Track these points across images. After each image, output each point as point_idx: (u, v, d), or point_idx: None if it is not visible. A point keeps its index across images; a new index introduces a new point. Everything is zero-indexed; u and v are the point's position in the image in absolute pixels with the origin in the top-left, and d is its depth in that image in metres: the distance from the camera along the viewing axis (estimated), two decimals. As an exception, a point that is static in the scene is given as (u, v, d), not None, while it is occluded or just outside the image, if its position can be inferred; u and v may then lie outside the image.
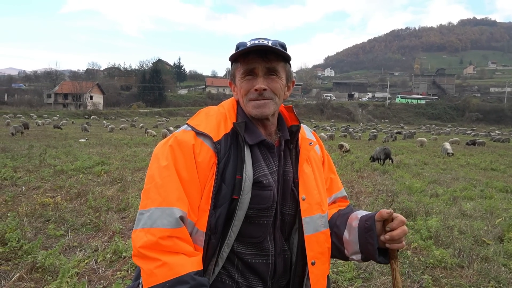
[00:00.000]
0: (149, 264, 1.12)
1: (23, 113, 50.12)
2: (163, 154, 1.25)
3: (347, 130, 43.70)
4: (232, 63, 1.36)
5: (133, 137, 24.22)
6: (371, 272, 4.07)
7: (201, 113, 1.37)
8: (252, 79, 1.30)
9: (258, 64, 1.28)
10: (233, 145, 1.27)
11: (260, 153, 1.31)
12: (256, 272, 1.27)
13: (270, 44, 1.27)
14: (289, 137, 1.39)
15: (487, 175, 12.58)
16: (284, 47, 1.34)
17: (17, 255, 4.10)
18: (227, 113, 1.35)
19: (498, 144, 32.57)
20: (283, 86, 1.35)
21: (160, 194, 1.17)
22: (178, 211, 1.16)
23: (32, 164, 10.26)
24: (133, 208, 6.19)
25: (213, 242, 1.22)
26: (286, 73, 1.36)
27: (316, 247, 1.32)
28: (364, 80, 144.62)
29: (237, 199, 1.21)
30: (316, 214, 1.33)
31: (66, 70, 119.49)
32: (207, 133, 1.25)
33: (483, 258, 4.56)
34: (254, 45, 1.25)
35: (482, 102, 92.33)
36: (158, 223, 1.14)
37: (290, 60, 1.37)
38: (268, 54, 1.28)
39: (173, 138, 1.27)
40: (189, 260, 1.14)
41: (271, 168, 1.30)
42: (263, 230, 1.28)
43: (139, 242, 1.13)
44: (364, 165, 13.24)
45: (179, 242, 1.14)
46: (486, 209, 7.15)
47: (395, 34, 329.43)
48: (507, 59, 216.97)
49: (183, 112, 71.26)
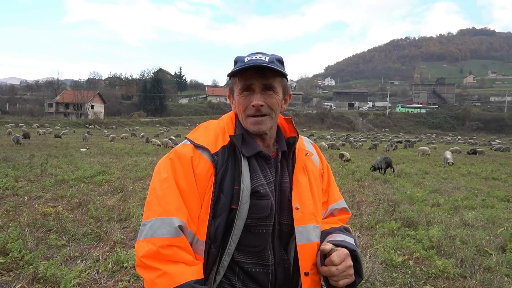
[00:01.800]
0: (150, 274, 1.15)
1: (24, 122, 50.27)
2: (164, 167, 1.30)
3: (347, 139, 43.79)
4: (231, 77, 1.41)
5: (134, 146, 24.25)
6: (374, 282, 4.05)
7: (200, 127, 1.43)
8: (249, 95, 1.35)
9: (255, 80, 1.33)
10: (231, 157, 1.32)
11: (257, 164, 1.34)
12: (256, 281, 1.30)
13: (267, 60, 1.32)
14: (286, 148, 1.42)
15: (488, 185, 12.56)
16: (281, 62, 1.39)
17: (19, 266, 4.09)
18: (225, 126, 1.40)
19: (499, 153, 32.54)
20: (280, 101, 1.39)
21: (161, 205, 1.22)
22: (177, 220, 1.20)
23: (33, 174, 10.27)
24: (134, 218, 6.18)
25: (213, 251, 1.25)
26: (282, 88, 1.40)
27: (308, 258, 1.32)
28: (365, 89, 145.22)
29: (236, 209, 1.24)
30: (310, 224, 1.34)
31: (68, 80, 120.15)
32: (205, 146, 1.30)
33: (485, 268, 4.54)
34: (251, 63, 1.29)
35: (483, 111, 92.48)
36: (158, 232, 1.18)
37: (286, 76, 1.41)
38: (265, 70, 1.32)
39: (174, 152, 1.33)
40: (189, 269, 1.17)
41: (268, 179, 1.34)
42: (263, 239, 1.30)
43: (141, 252, 1.18)
44: (365, 175, 13.22)
45: (179, 251, 1.18)
46: (487, 219, 7.13)
47: (395, 43, 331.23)
48: (506, 68, 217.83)
49: (184, 122, 71.41)
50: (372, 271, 4.24)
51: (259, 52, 1.38)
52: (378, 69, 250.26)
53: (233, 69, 1.36)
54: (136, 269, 1.21)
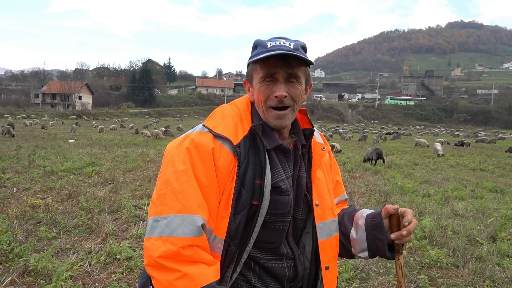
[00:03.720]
0: (167, 275, 1.06)
1: (10, 113, 49.28)
2: (179, 157, 1.17)
3: (336, 131, 44.03)
4: (249, 63, 1.29)
5: (123, 137, 23.98)
6: (368, 272, 4.07)
7: (216, 113, 1.30)
8: (271, 84, 1.24)
9: (279, 69, 1.22)
10: (252, 149, 1.22)
11: (277, 157, 1.27)
12: (273, 276, 1.25)
13: (292, 47, 1.22)
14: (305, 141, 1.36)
15: (477, 175, 12.75)
16: (305, 49, 1.29)
17: (8, 258, 3.99)
18: (242, 113, 1.30)
19: (485, 145, 33.12)
20: (303, 91, 1.29)
21: (179, 200, 1.11)
22: (200, 218, 1.10)
23: (21, 165, 10.06)
24: (126, 209, 6.10)
25: (232, 249, 1.18)
26: (305, 78, 1.30)
27: (329, 252, 1.32)
28: (354, 81, 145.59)
29: (257, 205, 1.17)
30: (329, 219, 1.32)
31: (54, 70, 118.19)
32: (226, 136, 1.19)
33: (477, 258, 4.60)
34: (276, 50, 1.20)
35: (470, 103, 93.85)
36: (178, 231, 1.08)
37: (311, 64, 1.31)
38: (290, 59, 1.22)
39: (189, 140, 1.20)
40: (210, 269, 1.09)
41: (287, 173, 1.27)
42: (280, 235, 1.25)
43: (157, 252, 1.07)
44: (356, 166, 13.30)
45: (200, 251, 1.09)
46: (477, 209, 7.23)
47: (384, 36, 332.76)
48: (493, 61, 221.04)
49: (173, 113, 70.86)
50: (366, 261, 4.25)
51: (282, 37, 1.27)
52: (368, 61, 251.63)
53: (253, 54, 1.25)
54: (146, 269, 1.11)
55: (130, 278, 3.76)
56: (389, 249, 1.30)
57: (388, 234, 1.27)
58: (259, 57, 1.20)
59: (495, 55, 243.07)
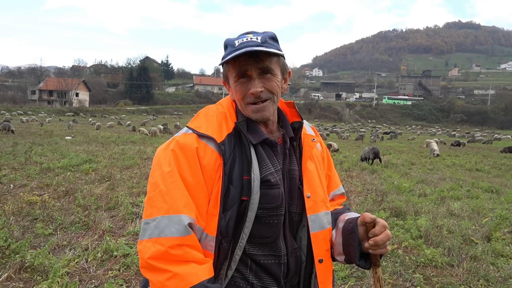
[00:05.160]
0: (159, 276, 1.08)
1: (6, 109, 49.05)
2: (165, 159, 1.19)
3: (333, 130, 44.10)
4: (223, 64, 1.30)
5: (121, 135, 23.92)
6: (364, 271, 4.09)
7: (200, 114, 1.32)
8: (246, 82, 1.26)
9: (250, 66, 1.23)
10: (237, 145, 1.24)
11: (264, 151, 1.28)
12: (269, 272, 1.26)
13: (260, 41, 1.22)
14: (293, 134, 1.36)
15: (473, 176, 12.81)
16: (275, 39, 1.29)
17: (5, 255, 3.99)
18: (226, 112, 1.31)
19: (481, 145, 33.28)
20: (279, 82, 1.30)
21: (166, 201, 1.13)
22: (186, 218, 1.12)
23: (17, 162, 10.02)
24: (122, 206, 6.10)
25: (225, 246, 1.19)
26: (280, 68, 1.30)
27: (322, 245, 1.31)
28: (352, 80, 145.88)
29: (247, 200, 1.18)
30: (321, 211, 1.32)
31: (51, 67, 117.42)
32: (210, 135, 1.21)
33: (472, 257, 4.64)
34: (243, 47, 1.20)
35: (467, 104, 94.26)
36: (166, 231, 1.09)
37: (283, 55, 1.31)
38: (259, 53, 1.21)
39: (174, 142, 1.22)
40: (201, 268, 1.10)
41: (275, 166, 1.28)
42: (274, 229, 1.25)
43: (147, 253, 1.09)
44: (352, 165, 13.34)
45: (189, 250, 1.11)
46: (473, 209, 7.27)
47: (382, 35, 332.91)
48: (490, 62, 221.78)
49: (171, 110, 70.78)
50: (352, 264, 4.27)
51: (250, 32, 1.28)
52: (366, 60, 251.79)
53: (224, 55, 1.26)
54: (141, 271, 1.13)
55: (127, 275, 3.77)
56: (364, 259, 1.27)
57: (363, 243, 1.25)
58: (228, 58, 1.22)
59: (492, 55, 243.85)
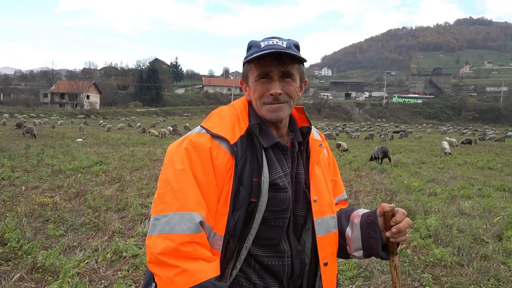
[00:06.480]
0: (167, 271, 1.09)
1: (19, 112, 49.81)
2: (178, 157, 1.22)
3: (343, 129, 43.80)
4: (245, 63, 1.33)
5: (131, 136, 24.14)
6: (372, 270, 4.08)
7: (213, 114, 1.35)
8: (266, 83, 1.28)
9: (273, 68, 1.26)
10: (249, 147, 1.26)
11: (274, 155, 1.30)
12: (272, 273, 1.27)
13: (285, 46, 1.26)
14: (302, 138, 1.39)
15: (484, 174, 12.64)
16: (298, 47, 1.33)
17: (17, 255, 4.08)
18: (239, 114, 1.34)
19: (494, 143, 32.75)
20: (297, 88, 1.33)
21: (178, 198, 1.15)
22: (198, 216, 1.14)
23: (29, 164, 10.21)
24: (132, 207, 6.17)
25: (231, 246, 1.21)
26: (300, 75, 1.34)
27: (328, 248, 1.34)
28: (361, 79, 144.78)
29: (255, 202, 1.20)
30: (327, 215, 1.34)
31: (63, 70, 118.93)
32: (223, 136, 1.23)
33: (482, 257, 4.58)
34: (269, 49, 1.23)
35: (479, 101, 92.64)
36: (177, 228, 1.11)
37: (304, 62, 1.35)
38: (283, 57, 1.25)
39: (188, 140, 1.24)
40: (209, 265, 1.12)
41: (285, 170, 1.30)
42: (279, 232, 1.28)
43: (157, 249, 1.11)
44: (362, 164, 13.26)
45: (199, 248, 1.13)
46: (484, 208, 7.18)
47: (392, 33, 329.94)
48: (503, 58, 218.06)
49: (181, 112, 71.03)
50: (370, 259, 4.26)
51: (275, 37, 1.31)
52: (375, 59, 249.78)
53: (248, 54, 1.29)
54: (148, 266, 1.15)
55: (136, 276, 3.82)
56: (384, 249, 1.31)
57: (383, 234, 1.29)
58: (253, 57, 1.24)
59: (505, 52, 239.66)
